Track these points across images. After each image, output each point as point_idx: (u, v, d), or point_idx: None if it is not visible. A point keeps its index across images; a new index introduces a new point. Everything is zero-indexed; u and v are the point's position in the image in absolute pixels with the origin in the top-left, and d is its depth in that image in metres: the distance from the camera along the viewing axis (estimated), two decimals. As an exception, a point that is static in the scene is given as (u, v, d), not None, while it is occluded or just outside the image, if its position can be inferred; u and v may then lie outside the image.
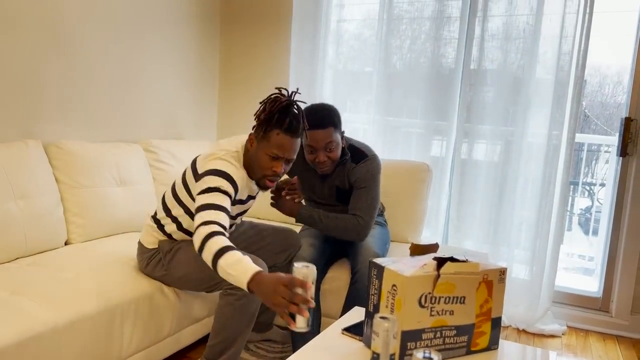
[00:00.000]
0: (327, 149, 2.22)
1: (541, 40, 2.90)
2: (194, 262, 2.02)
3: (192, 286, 2.10)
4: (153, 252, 2.12)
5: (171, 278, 2.10)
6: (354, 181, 2.33)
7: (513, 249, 3.07)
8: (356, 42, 3.37)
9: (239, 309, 1.95)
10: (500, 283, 1.57)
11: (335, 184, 2.39)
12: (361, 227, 2.28)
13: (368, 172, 2.31)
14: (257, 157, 1.94)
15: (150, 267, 2.12)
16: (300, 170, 2.42)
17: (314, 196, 2.48)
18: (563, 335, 2.95)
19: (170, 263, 2.07)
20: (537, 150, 2.97)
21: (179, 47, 3.33)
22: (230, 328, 1.97)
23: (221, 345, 1.99)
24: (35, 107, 2.48)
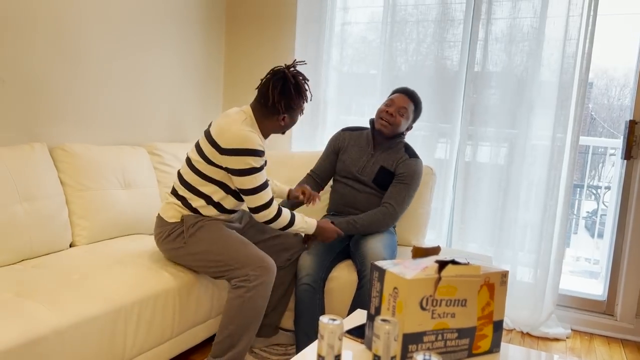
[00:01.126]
0: (399, 111, 2.52)
1: (545, 42, 2.90)
2: (215, 242, 2.10)
3: (203, 265, 2.14)
4: (174, 226, 2.16)
5: (186, 252, 2.14)
6: (400, 173, 2.54)
7: (517, 252, 3.06)
8: (360, 45, 3.37)
9: (247, 302, 2.01)
10: (502, 286, 1.57)
11: (381, 164, 2.57)
12: (390, 215, 2.48)
13: (415, 172, 2.54)
14: (292, 122, 2.25)
15: (168, 240, 2.16)
16: (357, 143, 2.66)
17: (355, 169, 2.60)
18: (567, 338, 2.94)
19: (192, 237, 2.12)
20: (541, 153, 2.97)
21: (184, 50, 3.35)
22: (238, 321, 2.01)
23: (228, 342, 2.03)
24: (40, 110, 2.50)
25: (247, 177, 2.06)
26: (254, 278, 2.03)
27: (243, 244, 2.13)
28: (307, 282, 2.30)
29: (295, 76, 2.14)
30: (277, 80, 2.12)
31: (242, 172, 2.05)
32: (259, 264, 2.06)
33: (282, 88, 2.11)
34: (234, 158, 2.04)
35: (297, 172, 3.09)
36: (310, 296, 2.30)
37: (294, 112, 2.20)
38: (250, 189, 2.08)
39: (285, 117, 2.18)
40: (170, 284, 2.16)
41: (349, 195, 2.62)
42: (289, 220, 2.17)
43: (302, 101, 2.18)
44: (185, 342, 2.29)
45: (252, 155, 2.04)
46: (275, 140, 3.59)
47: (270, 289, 2.09)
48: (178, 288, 2.19)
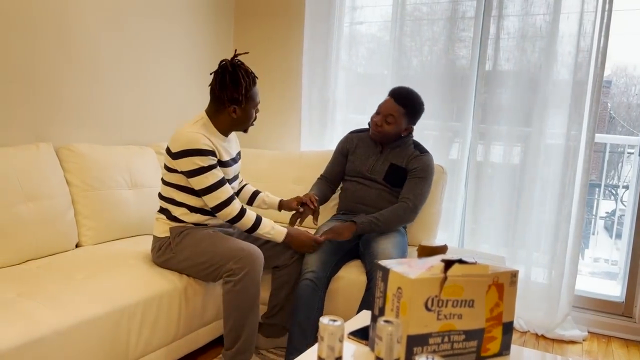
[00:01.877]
0: (386, 119, 2.49)
1: (559, 38, 2.84)
2: (198, 244, 2.15)
3: (194, 270, 2.18)
4: (164, 239, 2.22)
5: (176, 260, 2.18)
6: (414, 168, 2.52)
7: (531, 252, 2.99)
8: (370, 43, 3.33)
9: (238, 294, 2.06)
10: (511, 286, 1.52)
11: (391, 161, 2.56)
12: (410, 210, 2.47)
13: (429, 166, 2.53)
14: (247, 116, 2.22)
15: (160, 253, 2.21)
16: (365, 144, 2.65)
17: (365, 170, 2.60)
18: (584, 341, 2.87)
19: (178, 246, 2.18)
20: (556, 151, 2.89)
21: (192, 49, 3.34)
22: (236, 313, 2.07)
23: (233, 333, 2.08)
24: (47, 110, 2.50)
25: (198, 177, 2.10)
26: (238, 270, 2.06)
27: (223, 239, 2.16)
28: (309, 277, 2.26)
29: (234, 66, 2.14)
30: (217, 73, 2.16)
31: (192, 173, 2.10)
32: (240, 255, 2.08)
33: (221, 80, 2.14)
34: (183, 160, 2.09)
35: (305, 171, 3.06)
36: (310, 292, 2.26)
37: (241, 103, 2.16)
38: (203, 188, 2.11)
39: (235, 109, 2.18)
40: (176, 285, 2.14)
41: (360, 192, 2.60)
42: (253, 222, 2.19)
43: (239, 91, 2.13)
44: (192, 344, 2.27)
45: (198, 155, 2.08)
46: (283, 140, 3.56)
47: (259, 275, 2.10)
48: (183, 289, 2.17)
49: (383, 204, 2.56)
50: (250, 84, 2.16)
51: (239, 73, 2.14)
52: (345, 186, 2.70)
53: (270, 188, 3.13)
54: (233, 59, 2.17)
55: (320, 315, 2.34)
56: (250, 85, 2.17)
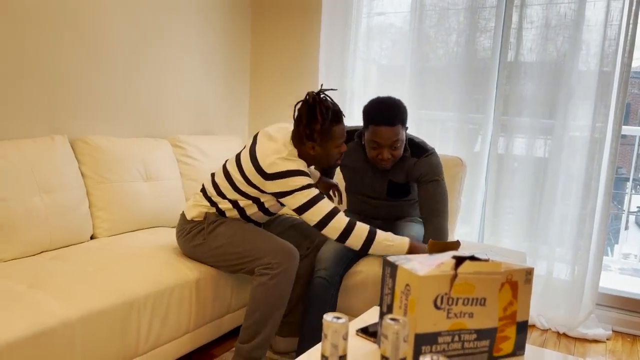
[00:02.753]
0: (392, 147, 2.17)
1: (584, 27, 2.73)
2: (235, 234, 2.10)
3: (223, 259, 2.14)
4: (196, 224, 2.18)
5: (205, 248, 2.14)
6: (419, 175, 2.27)
7: (554, 248, 2.91)
8: (388, 34, 3.26)
9: (271, 288, 2.02)
10: (526, 284, 1.46)
11: (388, 178, 2.35)
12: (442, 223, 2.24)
13: (435, 166, 2.27)
14: (327, 155, 2.10)
15: (189, 237, 2.18)
16: (356, 162, 2.40)
17: (365, 189, 2.43)
18: (608, 340, 2.78)
19: (211, 233, 2.13)
20: (580, 144, 2.80)
21: (209, 40, 3.32)
22: (263, 309, 2.03)
23: (255, 327, 2.04)
24: (62, 102, 2.51)
25: (297, 194, 2.00)
26: (276, 265, 2.02)
27: (263, 234, 2.12)
28: (322, 275, 2.22)
29: (315, 101, 2.02)
30: (304, 104, 2.05)
31: (288, 194, 2.02)
32: (281, 251, 2.04)
33: (308, 112, 2.02)
34: (284, 180, 2.01)
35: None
36: (323, 290, 2.22)
37: (315, 140, 2.05)
38: (301, 206, 2.01)
39: (314, 147, 2.07)
40: (187, 278, 2.12)
41: (369, 209, 2.49)
42: (366, 235, 2.03)
43: (313, 128, 2.02)
44: (205, 336, 2.25)
45: (299, 175, 2.01)
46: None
47: (294, 274, 2.07)
48: (195, 282, 2.15)
49: (396, 212, 2.47)
50: (329, 121, 2.03)
51: (319, 108, 2.01)
52: (351, 200, 2.53)
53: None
54: (318, 93, 2.05)
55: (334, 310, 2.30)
56: (329, 122, 2.03)
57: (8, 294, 1.70)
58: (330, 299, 2.25)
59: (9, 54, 2.27)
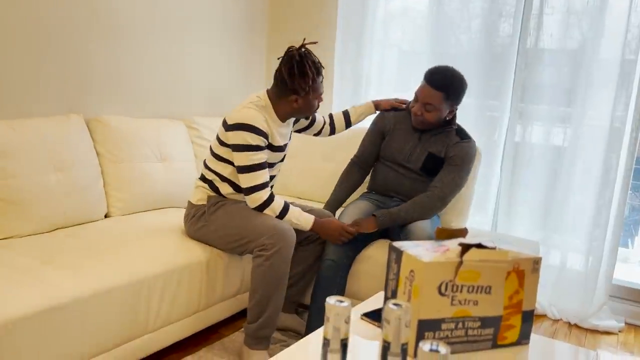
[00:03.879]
0: (425, 107, 2.30)
1: (607, 14, 2.67)
2: (233, 216, 2.15)
3: (224, 241, 2.18)
4: (199, 207, 2.23)
5: (207, 230, 2.20)
6: (451, 156, 2.36)
7: (568, 238, 2.87)
8: (406, 18, 3.22)
9: (268, 269, 2.05)
10: (533, 273, 1.45)
11: (429, 150, 2.40)
12: (437, 198, 2.32)
13: (467, 154, 2.35)
14: (309, 105, 2.17)
15: (193, 221, 2.23)
16: (403, 128, 2.48)
17: (400, 157, 2.45)
18: (620, 332, 2.75)
19: (212, 215, 2.19)
20: (599, 133, 2.75)
21: (226, 23, 3.31)
22: (263, 288, 2.06)
23: (258, 307, 2.08)
24: (78, 81, 2.53)
25: (242, 154, 2.08)
26: (270, 246, 2.05)
27: (257, 215, 2.14)
28: (331, 258, 2.23)
29: (302, 57, 2.09)
30: (285, 61, 2.11)
31: (237, 147, 2.08)
32: (273, 231, 2.06)
33: (289, 69, 2.09)
34: (234, 133, 2.08)
35: (336, 149, 3.02)
36: (332, 273, 2.23)
37: (304, 93, 2.12)
38: (242, 166, 2.09)
39: (297, 99, 2.14)
40: (198, 258, 2.15)
41: (394, 180, 2.48)
42: (280, 210, 2.14)
43: (306, 82, 2.09)
44: (215, 316, 2.28)
45: (249, 131, 2.06)
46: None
47: (291, 253, 2.09)
48: (206, 262, 2.17)
49: (417, 194, 2.43)
50: (315, 75, 2.11)
51: (306, 64, 2.08)
52: (378, 168, 2.56)
53: (299, 165, 3.10)
54: (301, 48, 2.11)
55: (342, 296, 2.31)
56: (315, 77, 2.12)
57: (22, 269, 1.73)
58: (339, 281, 2.27)
59: (27, 34, 2.30)
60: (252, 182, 2.09)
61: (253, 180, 2.09)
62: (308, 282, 2.42)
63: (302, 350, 1.40)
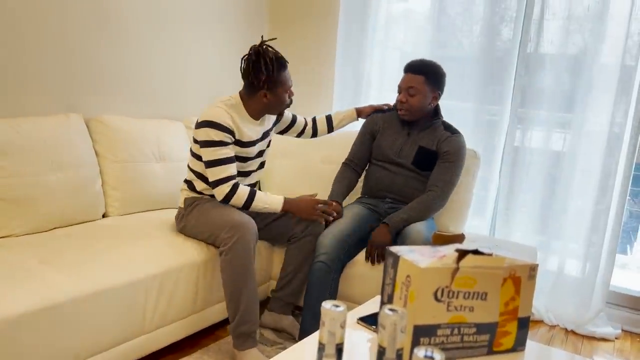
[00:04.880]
0: (408, 92, 2.40)
1: (608, 20, 2.67)
2: (201, 215, 2.23)
3: (200, 237, 2.26)
4: (180, 209, 2.35)
5: (186, 230, 2.29)
6: (444, 152, 2.43)
7: (566, 243, 2.87)
8: (407, 21, 3.22)
9: (230, 262, 2.09)
10: (529, 280, 1.45)
11: (420, 144, 2.47)
12: (439, 198, 2.40)
13: (460, 149, 2.44)
14: (278, 99, 2.25)
15: (178, 222, 2.34)
16: (392, 126, 2.56)
17: (391, 153, 2.51)
18: (616, 339, 2.75)
19: (188, 216, 2.28)
20: (598, 139, 2.75)
21: (227, 24, 3.31)
22: (230, 283, 2.10)
23: (232, 303, 2.11)
24: (78, 81, 2.53)
25: (207, 149, 2.15)
26: (228, 239, 2.09)
27: (222, 210, 2.20)
28: (322, 260, 2.23)
29: (258, 54, 2.18)
30: (249, 58, 2.20)
31: (203, 144, 2.16)
32: (231, 224, 2.11)
33: (248, 66, 2.19)
34: (200, 130, 2.16)
35: (335, 151, 3.01)
36: (323, 275, 2.23)
37: (269, 88, 2.20)
38: (208, 160, 2.16)
39: (266, 94, 2.22)
40: (195, 259, 2.15)
41: (386, 179, 2.52)
42: (246, 197, 2.20)
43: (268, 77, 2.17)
44: (209, 318, 2.29)
45: (213, 128, 2.14)
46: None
47: (250, 244, 2.10)
48: (203, 263, 2.18)
49: (410, 191, 2.48)
50: (275, 69, 2.18)
51: (262, 59, 2.17)
52: (370, 170, 2.60)
53: (298, 166, 3.10)
54: (260, 45, 2.20)
55: (334, 298, 2.31)
56: (275, 71, 2.18)
57: (19, 268, 1.73)
58: (331, 283, 2.26)
59: (28, 33, 2.30)
60: (217, 175, 2.16)
61: (218, 174, 2.16)
62: (301, 282, 2.42)
63: (297, 355, 1.40)
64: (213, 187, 2.19)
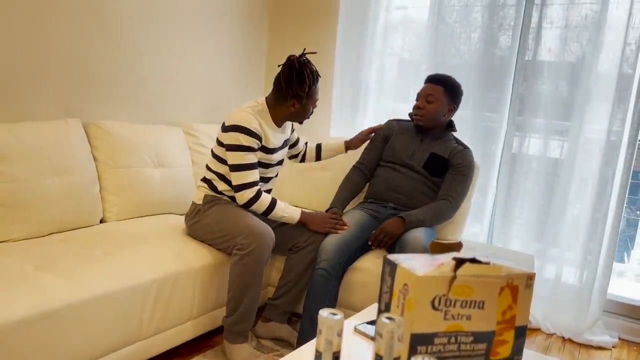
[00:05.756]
0: (427, 99, 2.49)
1: (606, 29, 2.69)
2: (219, 215, 2.25)
3: (211, 237, 2.28)
4: (197, 205, 2.35)
5: (199, 225, 2.30)
6: (457, 164, 2.50)
7: (563, 252, 2.88)
8: (406, 29, 3.24)
9: (242, 268, 2.12)
10: (527, 289, 1.45)
11: (432, 151, 2.54)
12: (452, 208, 2.46)
13: (471, 163, 2.52)
14: (305, 111, 2.32)
15: (190, 217, 2.35)
16: (406, 133, 2.63)
17: (403, 155, 2.57)
18: (613, 347, 2.75)
19: (205, 212, 2.29)
20: (595, 147, 2.76)
21: (226, 30, 3.32)
22: (237, 285, 2.14)
23: (233, 302, 2.15)
24: (77, 86, 2.53)
25: (234, 153, 2.19)
26: (245, 246, 2.12)
27: (242, 215, 2.22)
28: (323, 267, 2.24)
29: (301, 64, 2.23)
30: (285, 68, 2.25)
31: (230, 147, 2.19)
32: (249, 231, 2.14)
33: (289, 75, 2.22)
34: (229, 134, 2.20)
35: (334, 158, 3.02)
36: (323, 282, 2.23)
37: (302, 99, 2.26)
38: (234, 164, 2.20)
39: (295, 104, 2.27)
40: (192, 265, 2.15)
41: (394, 179, 2.55)
42: (268, 205, 2.25)
43: (303, 89, 2.23)
44: (208, 323, 2.28)
45: (243, 133, 2.18)
46: (313, 124, 3.52)
47: (265, 254, 2.14)
48: (200, 269, 2.17)
49: (416, 194, 2.51)
50: (313, 82, 2.25)
51: (304, 71, 2.22)
52: (378, 173, 2.64)
53: (297, 172, 3.11)
54: (301, 56, 2.25)
55: (333, 306, 2.31)
56: (313, 84, 2.25)
57: (16, 273, 1.73)
58: (331, 290, 2.26)
59: (28, 38, 2.30)
60: (242, 180, 2.20)
61: (243, 178, 2.20)
62: (300, 291, 2.41)
63: (295, 362, 1.40)
64: (236, 191, 2.22)
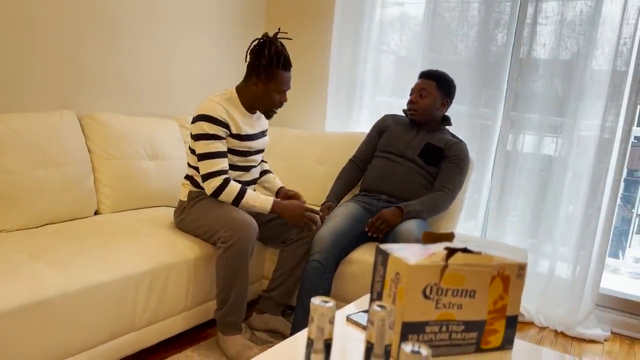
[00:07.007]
0: (420, 93, 2.54)
1: (600, 24, 2.70)
2: (204, 210, 2.24)
3: (197, 233, 2.28)
4: (182, 202, 2.35)
5: (185, 222, 2.30)
6: (454, 155, 2.53)
7: (557, 247, 2.89)
8: (402, 24, 3.24)
9: (227, 260, 2.11)
10: (518, 279, 1.46)
11: (427, 140, 2.57)
12: (449, 199, 2.50)
13: (466, 156, 2.55)
14: (267, 96, 2.24)
15: (177, 214, 2.35)
16: (402, 125, 2.67)
17: (399, 145, 2.60)
18: (605, 341, 2.76)
19: (190, 209, 2.29)
20: (589, 143, 2.78)
21: (221, 23, 3.32)
22: (224, 278, 2.13)
23: (222, 295, 2.15)
24: (72, 78, 2.53)
25: (200, 142, 2.16)
26: (228, 238, 2.11)
27: (224, 210, 2.20)
28: (317, 259, 2.24)
29: (271, 42, 2.18)
30: (257, 43, 2.21)
31: (196, 137, 2.17)
32: (232, 224, 2.12)
33: (259, 48, 2.18)
34: (195, 124, 2.18)
35: (329, 151, 3.03)
36: (317, 274, 2.24)
37: (268, 79, 2.19)
38: (201, 153, 2.17)
39: (257, 84, 2.22)
40: (186, 257, 2.15)
41: (388, 168, 2.58)
42: (236, 194, 2.19)
43: (283, 67, 2.18)
44: (202, 315, 2.29)
45: (207, 122, 2.15)
46: (309, 119, 3.53)
47: (248, 245, 2.12)
48: (193, 260, 2.18)
49: (410, 184, 2.53)
50: (276, 62, 2.18)
51: (268, 47, 2.17)
52: (373, 163, 2.67)
53: (292, 166, 3.11)
54: (275, 35, 2.22)
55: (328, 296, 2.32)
56: (276, 64, 2.18)
57: (9, 263, 1.72)
58: (325, 282, 2.27)
59: (22, 29, 2.30)
60: (208, 169, 2.17)
61: (210, 167, 2.17)
62: (294, 283, 2.41)
63: (287, 351, 1.41)
64: (203, 181, 2.19)
